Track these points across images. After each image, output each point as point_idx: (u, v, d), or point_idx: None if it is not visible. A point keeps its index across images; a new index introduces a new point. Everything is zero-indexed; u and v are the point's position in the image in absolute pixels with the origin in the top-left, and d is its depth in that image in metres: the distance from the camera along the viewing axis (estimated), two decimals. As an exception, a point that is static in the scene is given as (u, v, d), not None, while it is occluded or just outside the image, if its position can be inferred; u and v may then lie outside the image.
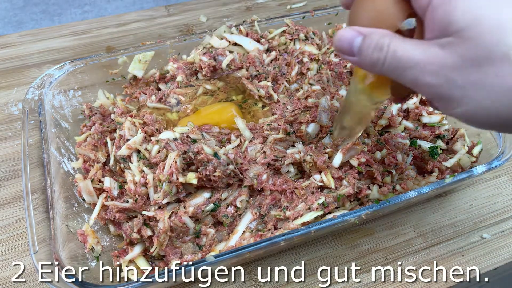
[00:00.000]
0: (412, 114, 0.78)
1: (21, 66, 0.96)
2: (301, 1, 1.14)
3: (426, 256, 0.68)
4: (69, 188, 0.68)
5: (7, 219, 0.71)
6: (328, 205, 0.64)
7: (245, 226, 0.64)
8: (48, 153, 0.67)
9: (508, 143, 0.69)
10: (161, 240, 0.61)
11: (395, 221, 0.72)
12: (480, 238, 0.70)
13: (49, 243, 0.57)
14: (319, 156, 0.67)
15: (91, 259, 0.62)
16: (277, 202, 0.66)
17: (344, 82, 0.85)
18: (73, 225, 0.64)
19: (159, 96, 0.79)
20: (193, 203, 0.64)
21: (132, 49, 0.83)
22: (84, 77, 0.81)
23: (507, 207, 0.74)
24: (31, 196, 0.61)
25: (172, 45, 0.85)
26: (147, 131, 0.69)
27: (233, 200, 0.65)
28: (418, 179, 0.69)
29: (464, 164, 0.71)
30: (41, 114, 0.72)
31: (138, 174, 0.64)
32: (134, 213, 0.65)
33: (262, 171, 0.66)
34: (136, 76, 0.83)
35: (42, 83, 0.76)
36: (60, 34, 1.04)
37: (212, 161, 0.63)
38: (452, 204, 0.75)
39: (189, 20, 1.10)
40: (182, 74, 0.81)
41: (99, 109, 0.80)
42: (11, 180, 0.76)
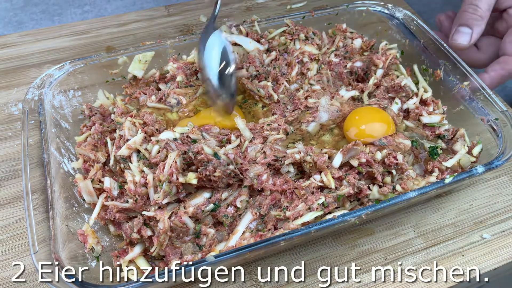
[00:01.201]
0: (412, 114, 0.78)
1: (21, 66, 0.96)
2: (301, 1, 1.14)
3: (426, 256, 0.68)
4: (69, 188, 0.68)
5: (7, 219, 0.71)
6: (328, 205, 0.64)
7: (245, 226, 0.64)
8: (48, 153, 0.67)
9: (508, 143, 0.69)
10: (161, 240, 0.61)
11: (395, 221, 0.72)
12: (480, 238, 0.70)
13: (49, 243, 0.57)
14: (319, 156, 0.67)
15: (91, 259, 0.62)
16: (277, 202, 0.66)
17: (344, 82, 0.86)
18: (73, 225, 0.64)
19: (159, 96, 0.79)
20: (193, 203, 0.64)
21: (132, 49, 0.83)
22: (84, 77, 0.81)
23: (507, 207, 0.74)
24: (31, 196, 0.61)
25: (172, 45, 0.85)
26: (147, 131, 0.69)
27: (233, 200, 0.65)
28: (418, 179, 0.69)
29: (464, 164, 0.71)
30: (41, 114, 0.72)
31: (138, 174, 0.64)
32: (134, 213, 0.65)
33: (262, 171, 0.66)
34: (136, 76, 0.83)
35: (42, 83, 0.76)
36: (60, 34, 1.04)
37: (212, 161, 0.63)
38: (452, 204, 0.75)
39: (189, 20, 1.09)
40: (182, 74, 0.81)
41: (99, 109, 0.80)
42: (11, 180, 0.76)
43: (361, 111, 0.76)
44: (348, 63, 0.86)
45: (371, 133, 0.71)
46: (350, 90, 0.83)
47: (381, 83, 0.82)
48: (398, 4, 0.95)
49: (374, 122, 0.73)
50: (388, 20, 0.92)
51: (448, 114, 0.79)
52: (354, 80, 0.86)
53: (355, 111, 0.76)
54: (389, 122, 0.73)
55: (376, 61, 0.84)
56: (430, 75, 0.84)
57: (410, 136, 0.74)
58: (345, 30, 0.92)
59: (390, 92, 0.81)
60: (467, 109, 0.77)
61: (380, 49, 0.86)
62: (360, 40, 0.91)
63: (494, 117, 0.72)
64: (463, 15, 0.79)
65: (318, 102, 0.77)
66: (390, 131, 0.72)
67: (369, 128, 0.72)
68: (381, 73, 0.83)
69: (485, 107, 0.74)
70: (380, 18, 0.93)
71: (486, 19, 0.79)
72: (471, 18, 0.78)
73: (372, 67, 0.84)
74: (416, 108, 0.78)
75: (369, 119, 0.74)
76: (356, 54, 0.89)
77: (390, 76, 0.83)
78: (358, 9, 0.94)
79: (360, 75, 0.86)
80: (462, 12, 0.80)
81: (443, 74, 0.81)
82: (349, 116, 0.75)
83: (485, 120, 0.73)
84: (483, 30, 0.79)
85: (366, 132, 0.72)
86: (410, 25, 0.88)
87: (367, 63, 0.86)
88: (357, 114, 0.75)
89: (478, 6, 0.78)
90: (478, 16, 0.78)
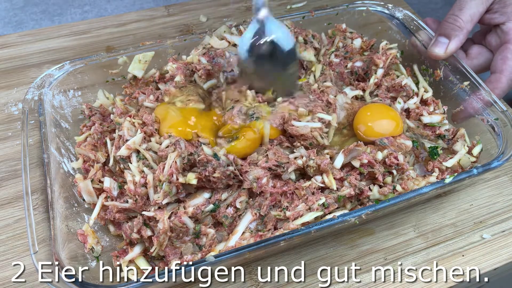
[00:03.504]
0: (413, 113, 0.78)
1: (21, 66, 0.96)
2: (301, 1, 1.14)
3: (426, 256, 0.68)
4: (69, 188, 0.68)
5: (7, 219, 0.71)
6: (329, 205, 0.64)
7: (245, 226, 0.64)
8: (48, 153, 0.67)
9: (508, 143, 0.69)
10: (161, 240, 0.61)
11: (395, 221, 0.72)
12: (480, 238, 0.70)
13: (49, 243, 0.57)
14: (322, 159, 0.67)
15: (91, 259, 0.62)
16: (277, 203, 0.66)
17: (345, 82, 0.85)
18: (73, 225, 0.64)
19: (156, 95, 0.79)
20: (193, 203, 0.64)
21: (132, 49, 0.83)
22: (84, 77, 0.81)
23: (507, 207, 0.74)
24: (31, 196, 0.61)
25: (172, 45, 0.85)
26: (146, 131, 0.69)
27: (233, 201, 0.65)
28: (419, 179, 0.69)
29: (465, 164, 0.71)
30: (41, 114, 0.72)
31: (138, 175, 0.64)
32: (134, 213, 0.65)
33: (262, 174, 0.66)
34: (136, 76, 0.83)
35: (42, 83, 0.76)
36: (60, 34, 1.04)
37: (212, 162, 0.62)
38: (452, 204, 0.75)
39: (189, 20, 1.09)
40: (181, 75, 0.81)
41: (99, 109, 0.80)
42: (11, 180, 0.76)
43: (373, 107, 0.76)
44: (349, 63, 0.86)
45: (381, 131, 0.71)
46: (354, 89, 0.83)
47: (381, 82, 0.82)
48: (398, 4, 0.95)
49: (386, 119, 0.74)
50: (388, 20, 0.92)
51: (448, 114, 0.79)
52: (355, 80, 0.86)
53: (367, 107, 0.76)
54: (398, 120, 0.73)
55: (377, 60, 0.84)
56: (430, 75, 0.84)
57: (410, 136, 0.74)
58: (345, 30, 0.92)
59: (391, 92, 0.81)
60: (467, 109, 0.77)
61: (380, 49, 0.86)
62: (360, 40, 0.91)
63: (494, 117, 0.72)
64: (443, 24, 0.79)
65: (336, 99, 0.77)
66: (399, 129, 0.72)
67: (380, 124, 0.72)
68: (382, 73, 0.83)
69: (485, 107, 0.74)
70: (380, 18, 0.93)
71: (466, 30, 0.78)
72: (450, 29, 0.78)
73: (373, 67, 0.84)
74: (417, 107, 0.78)
75: (381, 116, 0.74)
76: (356, 54, 0.89)
77: (391, 76, 0.83)
78: (358, 9, 0.94)
79: (361, 75, 0.86)
80: (443, 22, 0.80)
81: (443, 74, 0.81)
82: (360, 111, 0.75)
83: (485, 120, 0.73)
84: (462, 41, 0.79)
85: (376, 129, 0.72)
86: (410, 25, 0.88)
87: (368, 62, 0.86)
88: (369, 110, 0.75)
89: (459, 17, 0.78)
90: (457, 27, 0.77)
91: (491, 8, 0.80)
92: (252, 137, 0.70)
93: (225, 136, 0.71)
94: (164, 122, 0.71)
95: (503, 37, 0.80)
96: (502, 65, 0.78)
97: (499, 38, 0.81)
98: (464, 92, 0.77)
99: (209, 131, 0.71)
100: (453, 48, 0.78)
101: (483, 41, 0.85)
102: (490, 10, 0.80)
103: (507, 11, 0.79)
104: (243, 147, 0.69)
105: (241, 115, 0.72)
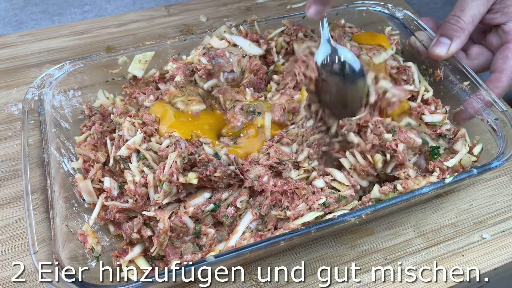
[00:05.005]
0: (414, 112, 0.78)
1: (21, 66, 0.96)
2: (301, 1, 1.14)
3: (426, 256, 0.68)
4: (69, 188, 0.68)
5: (7, 219, 0.71)
6: (329, 205, 0.64)
7: (245, 226, 0.64)
8: (48, 153, 0.67)
9: (508, 143, 0.69)
10: (161, 240, 0.61)
11: (395, 221, 0.72)
12: (480, 238, 0.70)
13: (49, 243, 0.57)
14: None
15: (91, 259, 0.62)
16: (277, 203, 0.66)
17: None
18: (73, 225, 0.64)
19: (156, 95, 0.79)
20: (193, 203, 0.64)
21: (132, 49, 0.83)
22: (84, 77, 0.81)
23: (507, 207, 0.74)
24: (31, 196, 0.61)
25: (172, 45, 0.85)
26: (146, 131, 0.69)
27: (233, 201, 0.65)
28: (419, 178, 0.69)
29: (466, 164, 0.71)
30: (41, 114, 0.71)
31: (138, 174, 0.64)
32: (134, 213, 0.65)
33: (263, 172, 0.66)
34: (136, 76, 0.83)
35: (42, 83, 0.76)
36: (60, 34, 1.04)
37: (213, 161, 0.62)
38: (452, 204, 0.75)
39: (189, 20, 1.09)
40: (181, 75, 0.81)
41: (99, 109, 0.80)
42: (11, 180, 0.76)
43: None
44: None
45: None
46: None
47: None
48: (398, 4, 0.95)
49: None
50: (388, 20, 0.92)
51: (449, 114, 0.79)
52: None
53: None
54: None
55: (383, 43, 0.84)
56: (430, 75, 0.84)
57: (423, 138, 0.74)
58: (344, 26, 0.92)
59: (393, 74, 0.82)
60: (467, 109, 0.77)
61: (386, 33, 0.86)
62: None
63: (494, 117, 0.72)
64: (445, 25, 0.80)
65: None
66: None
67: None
68: (391, 54, 0.83)
69: (485, 107, 0.74)
70: (380, 18, 0.93)
71: (468, 31, 0.79)
72: (452, 29, 0.78)
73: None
74: (419, 106, 0.78)
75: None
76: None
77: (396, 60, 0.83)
78: (358, 9, 0.94)
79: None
80: (445, 22, 0.81)
81: (443, 74, 0.81)
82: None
83: (485, 120, 0.73)
84: (464, 42, 0.79)
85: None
86: (410, 25, 0.88)
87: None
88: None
89: (461, 18, 0.78)
90: (459, 28, 0.78)
91: (492, 8, 0.81)
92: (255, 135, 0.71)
93: (228, 135, 0.71)
94: (163, 121, 0.71)
95: (504, 37, 0.80)
96: (502, 64, 0.78)
97: (500, 38, 0.82)
98: (464, 92, 0.77)
99: (210, 131, 0.71)
100: (455, 49, 0.79)
101: (483, 41, 0.86)
102: (491, 10, 0.81)
103: (508, 11, 0.80)
104: (246, 146, 0.70)
105: (242, 113, 0.72)
